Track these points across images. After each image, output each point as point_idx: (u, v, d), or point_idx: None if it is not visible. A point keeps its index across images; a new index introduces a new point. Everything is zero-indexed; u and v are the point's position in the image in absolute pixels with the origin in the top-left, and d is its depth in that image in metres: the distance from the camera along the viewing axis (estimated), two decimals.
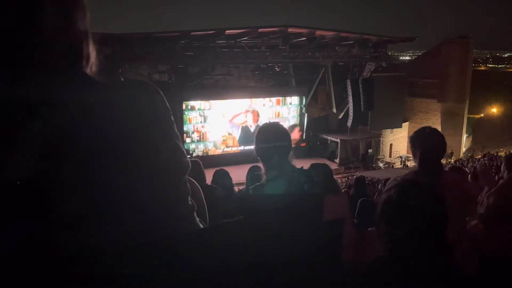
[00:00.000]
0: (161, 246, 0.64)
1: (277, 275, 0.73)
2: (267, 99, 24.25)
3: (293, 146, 2.07)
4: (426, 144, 2.34)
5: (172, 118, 0.70)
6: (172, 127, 0.70)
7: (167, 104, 0.70)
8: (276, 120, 18.10)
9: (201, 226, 0.76)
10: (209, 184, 3.79)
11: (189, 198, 0.74)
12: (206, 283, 0.65)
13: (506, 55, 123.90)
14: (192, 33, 22.23)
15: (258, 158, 2.01)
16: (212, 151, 22.87)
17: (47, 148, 0.58)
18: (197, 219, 0.75)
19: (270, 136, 1.99)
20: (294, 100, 25.25)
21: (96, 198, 0.60)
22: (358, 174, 17.59)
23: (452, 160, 21.14)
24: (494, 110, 47.59)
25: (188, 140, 22.10)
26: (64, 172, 0.58)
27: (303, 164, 2.31)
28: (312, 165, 3.21)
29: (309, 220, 0.77)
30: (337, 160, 24.64)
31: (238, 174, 7.00)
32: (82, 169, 0.59)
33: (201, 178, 3.23)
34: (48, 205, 0.58)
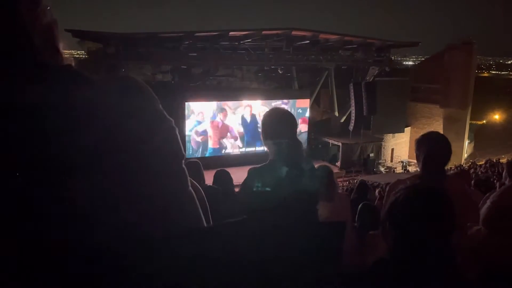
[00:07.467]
0: (162, 245, 0.64)
1: (278, 277, 0.72)
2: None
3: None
4: (432, 148, 2.33)
5: (159, 107, 0.70)
6: (160, 117, 0.70)
7: (151, 95, 0.70)
8: None
9: (203, 216, 0.75)
10: (210, 184, 3.80)
11: (189, 186, 0.73)
12: (208, 283, 0.65)
13: (509, 62, 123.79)
14: (196, 34, 22.28)
15: (264, 140, 2.09)
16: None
17: (42, 143, 0.58)
18: (199, 207, 0.75)
19: (275, 117, 2.07)
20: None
21: (93, 193, 0.60)
22: (359, 178, 17.56)
23: (453, 166, 21.10)
24: (497, 116, 47.51)
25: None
26: (61, 168, 0.58)
27: None
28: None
29: (309, 218, 0.77)
30: (338, 164, 24.59)
31: (239, 175, 6.99)
32: (80, 165, 0.59)
33: (200, 179, 3.24)
34: (46, 204, 0.57)
